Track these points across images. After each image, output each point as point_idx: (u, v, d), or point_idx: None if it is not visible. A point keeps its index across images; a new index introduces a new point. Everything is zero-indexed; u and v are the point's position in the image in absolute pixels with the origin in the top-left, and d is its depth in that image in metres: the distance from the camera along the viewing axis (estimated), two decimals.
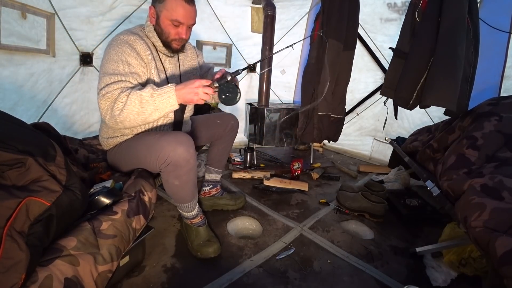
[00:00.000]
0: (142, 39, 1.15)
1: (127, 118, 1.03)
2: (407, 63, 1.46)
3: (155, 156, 1.07)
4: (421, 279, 1.24)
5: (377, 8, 2.52)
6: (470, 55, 1.38)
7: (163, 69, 1.23)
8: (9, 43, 1.36)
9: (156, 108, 1.04)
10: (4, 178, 0.72)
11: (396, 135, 2.26)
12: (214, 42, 2.60)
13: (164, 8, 1.11)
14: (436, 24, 1.33)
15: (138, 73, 1.12)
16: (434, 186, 1.24)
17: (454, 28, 1.27)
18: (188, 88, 1.04)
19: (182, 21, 1.13)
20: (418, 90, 1.41)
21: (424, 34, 1.38)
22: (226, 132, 1.53)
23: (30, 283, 0.66)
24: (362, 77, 2.81)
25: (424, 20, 1.40)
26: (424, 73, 1.37)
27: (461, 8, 1.28)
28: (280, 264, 1.26)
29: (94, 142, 1.55)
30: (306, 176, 2.25)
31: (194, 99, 1.05)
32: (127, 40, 1.11)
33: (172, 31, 1.15)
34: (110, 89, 1.02)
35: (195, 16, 1.18)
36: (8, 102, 1.42)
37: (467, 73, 1.37)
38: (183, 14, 1.12)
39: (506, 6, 1.78)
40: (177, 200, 1.24)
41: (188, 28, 1.18)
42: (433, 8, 1.35)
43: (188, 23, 1.16)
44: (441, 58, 1.29)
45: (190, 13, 1.14)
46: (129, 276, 1.12)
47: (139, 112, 1.03)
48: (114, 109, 1.02)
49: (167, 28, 1.14)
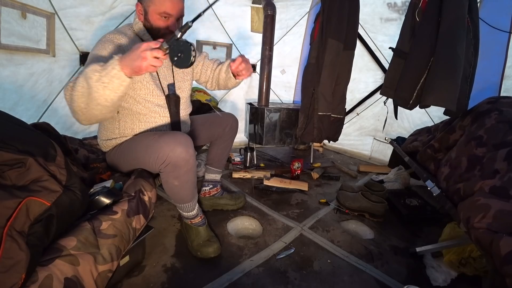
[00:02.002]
0: (127, 36, 1.14)
1: (81, 104, 0.92)
2: (407, 63, 1.46)
3: (154, 156, 1.07)
4: (421, 279, 1.24)
5: (377, 8, 2.52)
6: (470, 55, 1.38)
7: None
8: (9, 43, 1.36)
9: (103, 84, 0.89)
10: (4, 178, 0.72)
11: (396, 135, 2.26)
12: (214, 42, 2.60)
13: (151, 3, 1.10)
14: (436, 24, 1.33)
15: None
16: (434, 186, 1.24)
17: (454, 28, 1.27)
18: (133, 53, 0.89)
19: (171, 12, 1.12)
20: (418, 90, 1.40)
21: (424, 34, 1.38)
22: (226, 132, 1.53)
23: (30, 283, 0.66)
24: (362, 77, 2.81)
25: (424, 20, 1.39)
26: (424, 73, 1.37)
27: (461, 8, 1.28)
28: (280, 264, 1.26)
29: (94, 142, 1.55)
30: (306, 176, 2.25)
31: (143, 66, 0.88)
32: (111, 38, 1.10)
33: (162, 25, 1.14)
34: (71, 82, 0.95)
35: (183, 7, 1.17)
36: (8, 102, 1.43)
37: (467, 73, 1.37)
38: (171, 5, 1.11)
39: (506, 6, 1.79)
40: (176, 200, 1.24)
41: (177, 20, 1.16)
42: (433, 8, 1.34)
43: (177, 14, 1.14)
44: (441, 58, 1.29)
45: (178, 4, 1.13)
46: (129, 276, 1.12)
47: (88, 93, 0.90)
48: (67, 97, 0.95)
49: (157, 22, 1.13)
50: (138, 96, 1.16)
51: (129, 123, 1.19)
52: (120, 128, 1.19)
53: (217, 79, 1.46)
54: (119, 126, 1.19)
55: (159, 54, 0.90)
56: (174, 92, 1.27)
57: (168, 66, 1.28)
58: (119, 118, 1.18)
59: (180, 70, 1.32)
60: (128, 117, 1.18)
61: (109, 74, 0.89)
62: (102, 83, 0.89)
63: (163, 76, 1.24)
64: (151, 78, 1.18)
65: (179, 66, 0.97)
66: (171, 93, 1.25)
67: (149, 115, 1.20)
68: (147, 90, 1.17)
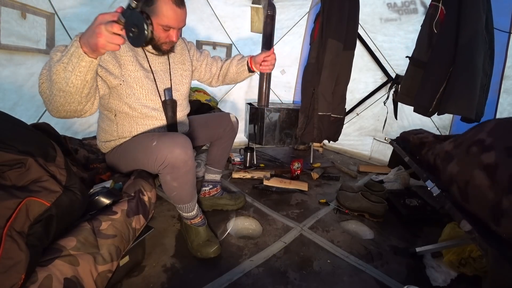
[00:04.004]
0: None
1: (46, 90, 0.87)
2: (426, 73, 1.50)
3: (153, 158, 1.06)
4: (421, 279, 1.24)
5: (377, 8, 2.53)
6: (486, 65, 1.43)
7: (150, 68, 1.18)
8: (9, 43, 1.36)
9: (63, 64, 0.80)
10: (4, 178, 0.72)
11: (396, 135, 2.24)
12: (214, 42, 2.61)
13: (153, 13, 1.05)
14: (455, 35, 1.37)
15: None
16: (434, 186, 1.24)
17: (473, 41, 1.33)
18: (89, 28, 0.77)
19: (174, 25, 1.09)
20: (437, 99, 1.44)
21: (443, 45, 1.42)
22: (226, 132, 1.53)
23: (29, 283, 0.66)
24: (362, 77, 2.81)
25: (442, 32, 1.44)
26: (444, 83, 1.41)
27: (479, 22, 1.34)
28: (280, 264, 1.26)
29: (94, 142, 1.55)
30: (306, 176, 2.25)
31: (100, 43, 0.74)
32: None
33: (162, 35, 1.11)
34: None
35: (186, 18, 1.13)
36: (8, 102, 1.43)
37: (483, 81, 1.44)
38: (174, 18, 1.07)
39: (506, 6, 1.79)
40: (176, 201, 1.24)
41: (178, 30, 1.14)
42: (451, 21, 1.40)
43: (179, 27, 1.12)
44: (461, 69, 1.34)
45: (181, 16, 1.10)
46: (129, 276, 1.12)
47: (49, 76, 0.83)
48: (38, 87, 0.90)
49: (157, 32, 1.09)
50: (134, 102, 1.13)
51: (127, 126, 1.18)
52: (118, 131, 1.19)
53: (224, 75, 1.49)
54: (117, 129, 1.19)
55: (117, 30, 0.74)
56: (171, 97, 1.25)
57: (165, 69, 1.25)
58: (117, 121, 1.18)
59: (178, 73, 1.30)
60: (126, 120, 1.18)
61: (68, 53, 0.79)
62: (62, 63, 0.80)
63: (160, 80, 1.21)
64: (148, 82, 1.16)
65: (134, 44, 0.79)
66: (167, 98, 1.23)
67: (145, 119, 1.19)
68: (143, 95, 1.15)
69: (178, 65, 1.32)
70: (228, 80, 1.52)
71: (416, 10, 2.32)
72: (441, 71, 1.41)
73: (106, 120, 1.21)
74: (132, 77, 1.12)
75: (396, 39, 2.53)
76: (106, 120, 1.21)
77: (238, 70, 1.45)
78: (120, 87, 1.10)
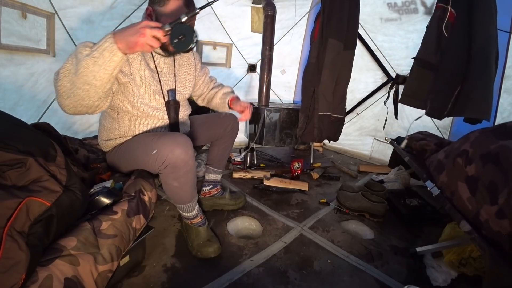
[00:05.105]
0: None
1: (66, 83, 0.87)
2: (440, 76, 1.50)
3: (153, 158, 1.06)
4: (421, 279, 1.24)
5: (377, 8, 2.52)
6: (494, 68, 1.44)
7: (155, 68, 1.19)
8: (9, 43, 1.36)
9: (93, 58, 0.83)
10: (4, 178, 0.72)
11: (396, 135, 2.25)
12: (214, 42, 2.60)
13: (164, 13, 1.09)
14: (468, 39, 1.38)
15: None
16: (434, 186, 1.24)
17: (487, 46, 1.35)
18: (131, 28, 0.85)
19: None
20: (452, 102, 1.45)
21: (457, 49, 1.43)
22: (227, 133, 1.53)
23: (30, 283, 0.66)
24: (362, 77, 2.81)
25: (454, 35, 1.44)
26: (458, 86, 1.42)
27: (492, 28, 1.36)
28: (280, 264, 1.26)
29: (94, 142, 1.55)
30: (306, 176, 2.25)
31: (139, 41, 0.83)
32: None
33: None
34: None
35: (195, 19, 1.15)
36: (8, 102, 1.42)
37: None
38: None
39: (506, 6, 1.78)
40: (176, 201, 1.24)
41: None
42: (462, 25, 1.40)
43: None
44: (478, 73, 1.36)
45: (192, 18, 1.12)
46: (129, 276, 1.12)
47: (76, 70, 0.85)
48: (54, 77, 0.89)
49: None
50: (138, 101, 1.14)
51: (128, 125, 1.19)
52: (119, 130, 1.19)
53: (209, 99, 1.57)
54: (118, 127, 1.19)
55: (159, 34, 0.86)
56: (174, 98, 1.26)
57: (170, 71, 1.27)
58: (119, 119, 1.18)
59: (183, 76, 1.33)
60: (128, 118, 1.18)
61: (100, 47, 0.84)
62: (92, 57, 0.84)
63: (165, 81, 1.23)
64: (153, 81, 1.17)
65: (178, 49, 0.94)
66: (171, 99, 1.24)
67: (148, 118, 1.20)
68: (148, 94, 1.16)
69: (183, 68, 1.34)
70: (210, 106, 1.60)
71: (417, 10, 2.32)
72: (456, 74, 1.41)
73: (108, 118, 1.21)
74: (139, 76, 1.13)
75: (397, 39, 2.52)
76: (108, 118, 1.21)
77: (220, 103, 1.53)
78: (128, 85, 1.11)
